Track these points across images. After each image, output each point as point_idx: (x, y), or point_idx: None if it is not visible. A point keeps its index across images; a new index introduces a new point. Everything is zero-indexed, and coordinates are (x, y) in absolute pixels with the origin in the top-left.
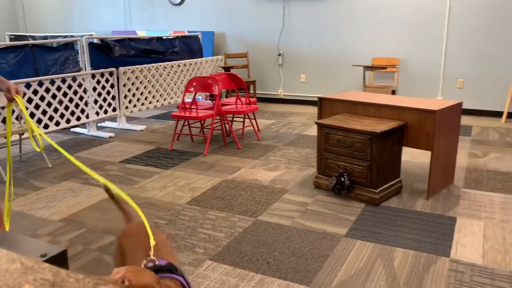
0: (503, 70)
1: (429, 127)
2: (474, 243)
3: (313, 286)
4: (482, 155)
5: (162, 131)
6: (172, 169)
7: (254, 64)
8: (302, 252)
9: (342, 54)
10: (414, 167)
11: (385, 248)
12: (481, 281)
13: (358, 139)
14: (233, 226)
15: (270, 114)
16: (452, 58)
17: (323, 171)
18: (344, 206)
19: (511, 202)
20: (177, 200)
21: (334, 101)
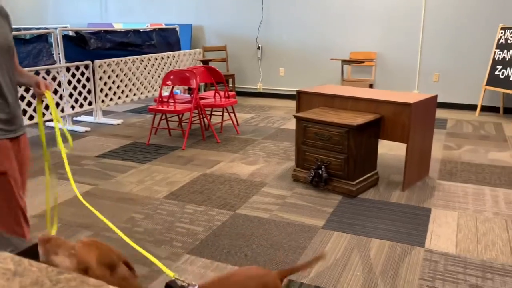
0: (477, 64)
1: (404, 120)
2: (448, 233)
3: (291, 277)
4: (457, 147)
5: (139, 125)
6: (149, 163)
7: (233, 58)
8: (280, 244)
9: (321, 48)
10: (391, 160)
11: (362, 239)
12: (454, 270)
13: (335, 132)
14: (211, 220)
15: (249, 108)
16: (428, 52)
17: (301, 164)
18: (321, 199)
19: (484, 193)
20: (155, 194)
21: (312, 94)
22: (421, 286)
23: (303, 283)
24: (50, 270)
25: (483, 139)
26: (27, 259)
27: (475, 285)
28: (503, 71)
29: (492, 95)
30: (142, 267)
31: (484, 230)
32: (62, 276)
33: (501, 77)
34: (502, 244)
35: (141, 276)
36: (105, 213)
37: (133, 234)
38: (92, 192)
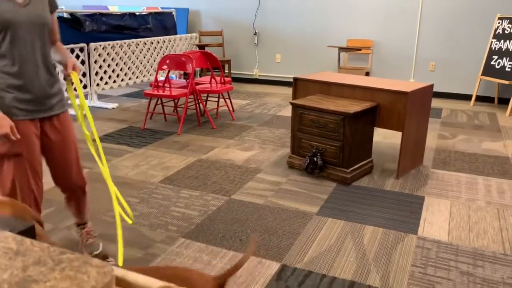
0: (473, 54)
1: (400, 108)
2: (441, 221)
3: (284, 262)
4: (451, 136)
5: (134, 109)
6: (144, 148)
7: (229, 43)
8: (274, 230)
9: (318, 35)
10: (385, 148)
11: (355, 225)
12: (446, 257)
13: (331, 119)
14: (207, 205)
15: (245, 94)
16: (425, 41)
17: (296, 151)
18: (316, 185)
19: (476, 181)
20: (150, 179)
21: (308, 81)
22: (413, 273)
23: (297, 268)
24: (52, 250)
25: (477, 129)
26: (29, 239)
27: (466, 272)
28: (499, 61)
29: (487, 85)
30: (139, 251)
31: (476, 219)
32: (65, 256)
33: (497, 67)
34: (494, 232)
35: (136, 259)
36: (100, 197)
37: None
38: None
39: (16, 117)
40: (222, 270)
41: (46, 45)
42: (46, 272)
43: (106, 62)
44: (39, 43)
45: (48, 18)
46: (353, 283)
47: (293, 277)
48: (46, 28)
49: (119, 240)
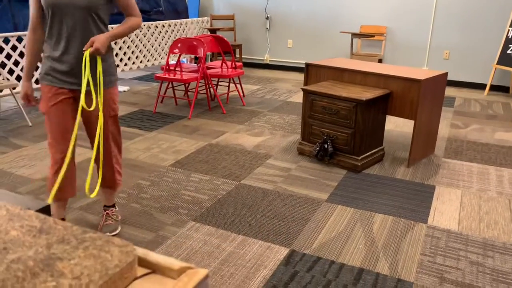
0: (488, 43)
1: (413, 96)
2: (451, 211)
3: (293, 248)
4: (463, 126)
5: (146, 93)
6: (155, 131)
7: (241, 27)
8: (284, 216)
9: (331, 20)
10: (397, 136)
11: (365, 213)
12: (456, 246)
13: (343, 106)
14: (217, 189)
15: (255, 79)
16: (440, 29)
17: (307, 137)
18: (326, 172)
19: (488, 172)
20: (161, 162)
21: (321, 67)
22: (422, 261)
23: (306, 254)
24: (75, 229)
25: (491, 119)
26: (52, 218)
27: (476, 262)
28: None
29: (502, 75)
30: (149, 233)
31: (487, 209)
32: (87, 235)
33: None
34: (504, 223)
35: (147, 241)
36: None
37: (140, 200)
38: None
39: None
40: (232, 254)
41: (90, 27)
42: (70, 250)
43: (117, 45)
44: (83, 25)
45: (92, 1)
46: (362, 270)
47: (301, 263)
48: (92, 9)
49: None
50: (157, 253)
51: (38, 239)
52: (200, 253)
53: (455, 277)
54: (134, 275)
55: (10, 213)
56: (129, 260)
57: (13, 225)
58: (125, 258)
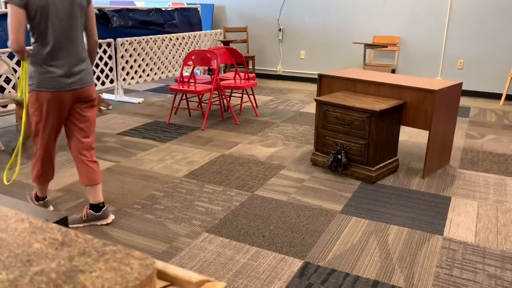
0: (503, 52)
1: (427, 107)
2: (468, 222)
3: (307, 259)
4: (479, 136)
5: (160, 104)
6: (169, 142)
7: (254, 39)
8: (298, 227)
9: (343, 31)
10: (412, 147)
11: (380, 225)
12: (473, 259)
13: (356, 117)
14: (230, 200)
15: (268, 90)
16: (453, 39)
17: (320, 148)
18: (340, 183)
19: (505, 183)
20: (175, 173)
21: (333, 78)
22: (438, 274)
23: (320, 266)
24: (95, 242)
25: (507, 129)
26: (73, 230)
27: (494, 275)
28: None
29: None
30: (163, 244)
31: (504, 221)
32: (108, 248)
33: None
34: None
35: (161, 252)
36: (126, 190)
37: (154, 211)
38: (113, 168)
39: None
40: (246, 266)
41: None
42: (91, 263)
43: (132, 57)
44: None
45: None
46: (377, 282)
47: (316, 275)
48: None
49: None
50: (171, 264)
51: (60, 251)
52: (213, 264)
53: None
54: (153, 287)
55: (32, 226)
56: (149, 272)
57: (36, 238)
58: (144, 271)
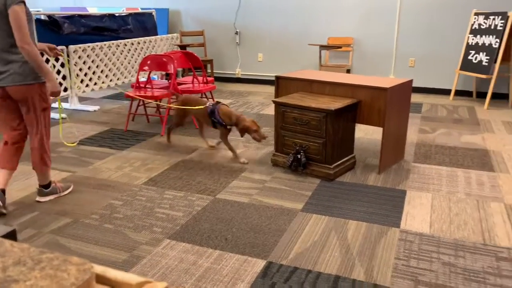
0: (452, 49)
1: (380, 104)
2: (422, 214)
3: (270, 259)
4: (431, 131)
5: (116, 111)
6: (127, 150)
7: (211, 43)
8: (260, 228)
9: (299, 33)
10: (367, 144)
11: (339, 221)
12: (428, 249)
13: (313, 116)
14: (191, 205)
15: (227, 93)
16: (404, 38)
17: (280, 149)
18: (300, 182)
19: (456, 174)
20: (133, 181)
21: (290, 80)
22: (396, 265)
23: (283, 265)
24: (32, 250)
25: (457, 123)
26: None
27: (448, 263)
28: (476, 56)
29: (466, 80)
30: (123, 253)
31: (456, 211)
32: (44, 256)
33: (474, 61)
34: (474, 223)
35: (121, 262)
36: (83, 200)
37: (113, 220)
38: (69, 179)
39: None
40: (209, 270)
41: None
42: (26, 271)
43: (86, 64)
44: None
45: None
46: (338, 277)
47: (279, 274)
48: None
49: None
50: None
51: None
52: (176, 270)
53: (429, 279)
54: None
55: None
56: (86, 277)
57: None
58: (82, 276)
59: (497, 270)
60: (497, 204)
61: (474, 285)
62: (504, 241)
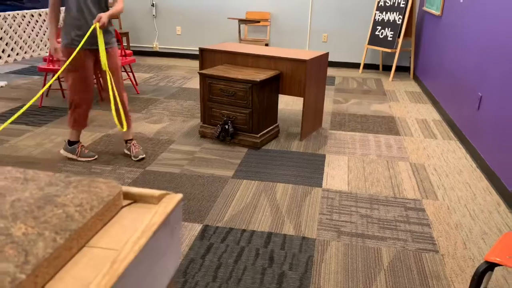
0: (360, 26)
1: (301, 76)
2: (341, 174)
3: (206, 223)
4: (344, 101)
5: (27, 87)
6: (45, 126)
7: (126, 15)
8: (193, 195)
9: (218, 7)
10: (289, 114)
11: (268, 184)
12: (347, 203)
13: (240, 88)
14: (122, 178)
15: (146, 67)
16: (318, 14)
17: (207, 120)
18: (229, 152)
19: (368, 139)
20: (57, 156)
21: (215, 52)
22: (321, 219)
23: (219, 227)
24: (58, 175)
25: (366, 93)
26: (31, 170)
27: (365, 215)
28: (382, 32)
29: (373, 54)
30: None
31: (370, 170)
32: (72, 178)
33: (381, 37)
34: (385, 180)
35: None
36: None
37: None
38: None
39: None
40: None
41: None
42: (62, 190)
43: None
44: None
45: None
46: (271, 233)
47: (215, 235)
48: None
49: None
50: None
51: (27, 185)
52: None
53: (350, 229)
54: (121, 204)
55: None
56: (117, 190)
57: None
58: (113, 190)
59: (406, 218)
60: (403, 163)
61: (388, 232)
62: (410, 194)
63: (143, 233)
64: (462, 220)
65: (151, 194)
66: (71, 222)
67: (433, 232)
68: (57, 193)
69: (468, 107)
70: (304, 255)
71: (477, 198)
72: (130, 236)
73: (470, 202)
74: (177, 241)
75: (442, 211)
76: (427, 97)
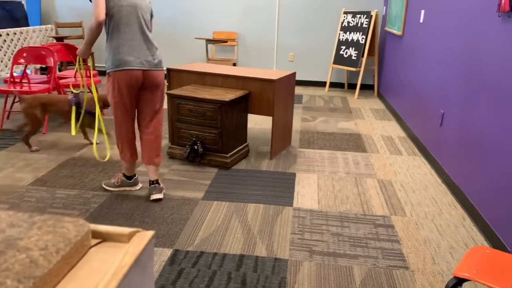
0: (325, 45)
1: (269, 95)
2: (311, 192)
3: (176, 247)
4: (312, 119)
5: None
6: (6, 150)
7: None
8: (163, 219)
9: (185, 26)
10: (258, 133)
11: (239, 205)
12: (318, 222)
13: (208, 108)
14: (88, 203)
15: None
16: (284, 34)
17: (176, 141)
18: (198, 172)
19: (336, 156)
20: (18, 182)
21: (182, 72)
22: (293, 239)
23: (189, 251)
24: (20, 215)
25: (333, 111)
26: None
27: (336, 233)
28: (346, 51)
29: (338, 73)
30: None
31: (339, 187)
32: (36, 218)
33: (345, 56)
34: (354, 197)
35: None
36: None
37: None
38: None
39: None
40: None
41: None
42: (24, 231)
43: None
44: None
45: None
46: (243, 256)
47: (186, 260)
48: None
49: None
50: None
51: None
52: None
53: (321, 248)
54: (90, 244)
55: None
56: (86, 230)
57: None
58: (81, 229)
59: (376, 235)
60: (371, 179)
61: (359, 249)
62: (379, 210)
63: (114, 276)
64: (430, 236)
65: (121, 232)
66: (36, 268)
67: (403, 248)
68: (19, 235)
69: (431, 124)
70: (277, 277)
71: (443, 213)
72: (99, 280)
73: (437, 217)
74: (150, 280)
75: (411, 227)
76: (391, 114)
